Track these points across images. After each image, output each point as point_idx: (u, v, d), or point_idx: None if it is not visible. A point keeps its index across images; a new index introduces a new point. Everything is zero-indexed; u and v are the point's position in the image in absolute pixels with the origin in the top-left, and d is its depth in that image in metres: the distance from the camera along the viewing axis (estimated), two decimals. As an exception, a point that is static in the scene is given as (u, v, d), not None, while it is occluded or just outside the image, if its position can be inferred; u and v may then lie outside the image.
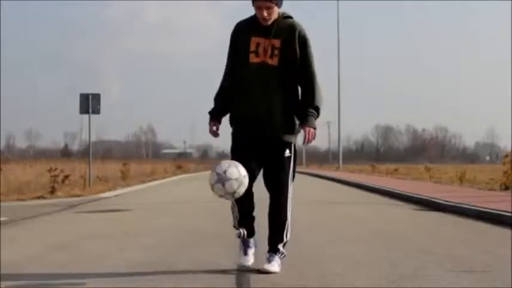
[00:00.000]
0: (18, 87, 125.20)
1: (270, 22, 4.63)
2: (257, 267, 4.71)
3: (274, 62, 4.62)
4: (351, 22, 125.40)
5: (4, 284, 4.39)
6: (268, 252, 4.75)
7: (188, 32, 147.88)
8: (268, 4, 4.56)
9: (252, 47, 4.65)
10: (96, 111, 18.36)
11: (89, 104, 18.22)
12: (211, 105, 4.86)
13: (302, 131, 4.71)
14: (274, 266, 4.67)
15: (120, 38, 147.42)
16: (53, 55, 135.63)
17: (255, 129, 4.66)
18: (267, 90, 4.62)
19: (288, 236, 4.76)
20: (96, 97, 18.42)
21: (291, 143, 4.74)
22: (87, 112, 18.32)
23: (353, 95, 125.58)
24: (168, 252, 5.85)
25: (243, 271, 4.71)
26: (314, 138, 4.67)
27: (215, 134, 4.78)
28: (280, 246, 4.73)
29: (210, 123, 4.79)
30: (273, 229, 4.73)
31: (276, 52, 4.62)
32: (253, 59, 4.64)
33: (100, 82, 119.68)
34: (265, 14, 4.58)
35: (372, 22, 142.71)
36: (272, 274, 4.61)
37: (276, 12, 4.63)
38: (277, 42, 4.63)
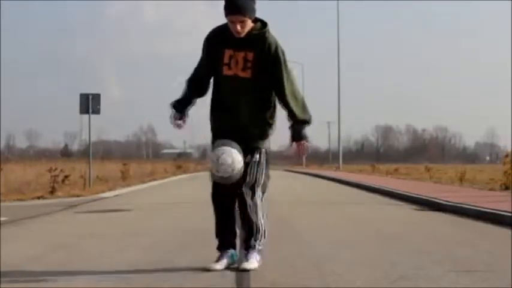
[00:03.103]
0: (18, 87, 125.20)
1: (243, 35, 4.66)
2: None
3: (247, 74, 4.68)
4: (351, 22, 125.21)
5: (4, 283, 4.39)
6: (245, 250, 4.79)
7: (188, 32, 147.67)
8: (242, 18, 4.60)
9: (226, 60, 4.71)
10: (96, 111, 18.34)
11: (89, 104, 18.20)
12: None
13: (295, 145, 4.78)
14: (253, 263, 4.71)
15: (120, 38, 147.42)
16: (53, 55, 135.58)
17: (231, 139, 4.72)
18: (239, 103, 4.71)
19: (262, 235, 4.78)
20: (96, 97, 18.41)
21: (259, 148, 4.79)
22: (87, 112, 18.31)
23: (353, 95, 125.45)
24: (168, 252, 5.86)
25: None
26: (308, 149, 4.76)
27: (180, 126, 4.86)
28: (255, 244, 4.76)
29: (174, 116, 4.83)
30: (246, 231, 4.78)
31: (249, 65, 4.67)
32: (226, 71, 4.72)
33: (100, 82, 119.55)
34: (238, 28, 4.62)
35: (372, 22, 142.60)
36: (272, 274, 4.61)
37: (249, 24, 4.67)
38: (250, 55, 4.67)
